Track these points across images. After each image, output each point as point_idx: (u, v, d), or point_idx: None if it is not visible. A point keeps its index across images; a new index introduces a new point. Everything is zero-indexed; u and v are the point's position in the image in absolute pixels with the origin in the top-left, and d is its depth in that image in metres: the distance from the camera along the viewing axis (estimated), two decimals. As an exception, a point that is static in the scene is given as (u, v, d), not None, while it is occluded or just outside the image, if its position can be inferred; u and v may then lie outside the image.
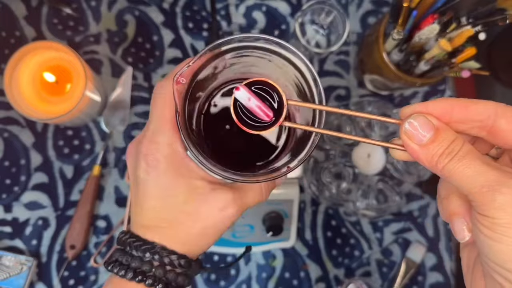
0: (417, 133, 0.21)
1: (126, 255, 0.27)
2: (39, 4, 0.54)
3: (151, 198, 0.26)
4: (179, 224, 0.27)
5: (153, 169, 0.26)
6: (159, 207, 0.27)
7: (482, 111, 0.21)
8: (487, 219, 0.19)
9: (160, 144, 0.26)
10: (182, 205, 0.27)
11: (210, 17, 0.57)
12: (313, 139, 0.34)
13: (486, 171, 0.19)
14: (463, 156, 0.20)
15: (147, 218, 0.27)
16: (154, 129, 0.26)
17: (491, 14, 0.41)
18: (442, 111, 0.21)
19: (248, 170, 0.42)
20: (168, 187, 0.26)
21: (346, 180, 0.53)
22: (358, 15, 0.59)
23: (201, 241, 0.28)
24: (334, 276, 0.57)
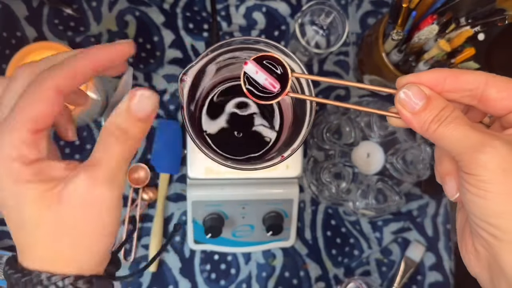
0: (410, 101, 0.23)
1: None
2: (40, 4, 0.54)
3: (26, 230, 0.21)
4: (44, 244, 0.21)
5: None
6: (10, 225, 0.22)
7: (472, 81, 0.22)
8: (472, 177, 0.21)
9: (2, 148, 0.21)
10: (37, 219, 0.21)
11: (210, 18, 0.57)
12: (304, 131, 0.35)
13: (471, 134, 0.21)
14: (451, 121, 0.22)
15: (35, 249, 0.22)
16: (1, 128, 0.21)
17: (490, 15, 0.41)
18: (435, 81, 0.23)
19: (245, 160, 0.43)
20: (6, 200, 0.21)
21: (346, 179, 0.53)
22: (358, 15, 0.60)
23: (99, 240, 0.22)
24: (334, 276, 0.57)
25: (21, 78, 0.22)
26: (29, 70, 0.23)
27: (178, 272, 0.55)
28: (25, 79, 0.22)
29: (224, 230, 0.52)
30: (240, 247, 0.54)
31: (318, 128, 0.55)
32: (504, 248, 0.21)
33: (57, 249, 0.21)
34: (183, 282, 0.55)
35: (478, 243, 0.23)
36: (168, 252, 0.55)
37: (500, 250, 0.21)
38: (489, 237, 0.21)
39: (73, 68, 0.22)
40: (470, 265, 0.24)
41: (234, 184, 0.52)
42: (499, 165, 0.20)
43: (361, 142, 0.54)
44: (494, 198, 0.21)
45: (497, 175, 0.20)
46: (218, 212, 0.52)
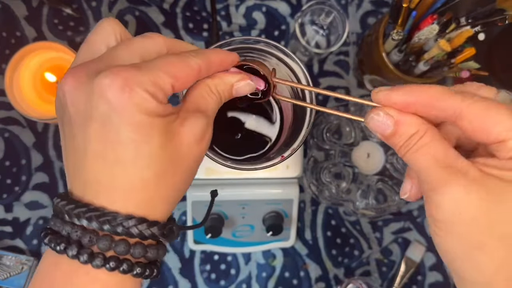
0: (379, 125, 0.22)
1: (69, 226, 0.20)
2: (39, 4, 0.54)
3: (117, 144, 0.19)
4: (157, 179, 0.21)
5: (124, 102, 0.19)
6: (129, 158, 0.20)
7: (445, 110, 0.21)
8: (428, 210, 0.21)
9: (144, 78, 0.20)
10: (159, 152, 0.20)
11: (210, 18, 0.57)
12: (304, 131, 0.35)
13: (431, 169, 0.20)
14: (417, 150, 0.21)
15: (110, 175, 0.20)
16: (143, 65, 0.21)
17: (490, 15, 0.41)
18: (405, 104, 0.22)
19: (245, 161, 0.43)
20: (141, 128, 0.20)
21: (346, 180, 0.53)
22: (358, 15, 0.60)
23: (183, 189, 0.23)
24: (334, 276, 0.57)
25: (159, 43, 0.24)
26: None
27: (178, 272, 0.55)
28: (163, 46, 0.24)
29: (224, 230, 0.52)
30: (240, 247, 0.54)
31: (318, 128, 0.55)
32: (460, 284, 0.21)
33: (156, 189, 0.21)
34: (183, 282, 0.55)
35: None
36: (168, 252, 0.55)
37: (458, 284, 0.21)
38: (452, 274, 0.22)
39: (209, 59, 0.24)
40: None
41: (234, 184, 0.52)
42: (451, 207, 0.20)
43: (361, 142, 0.54)
44: (446, 239, 0.20)
45: (448, 217, 0.20)
46: (218, 212, 0.52)
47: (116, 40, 0.23)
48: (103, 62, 0.21)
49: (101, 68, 0.20)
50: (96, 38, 0.23)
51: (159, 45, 0.24)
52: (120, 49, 0.22)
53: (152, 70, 0.20)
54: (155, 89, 0.20)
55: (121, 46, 0.22)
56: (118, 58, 0.21)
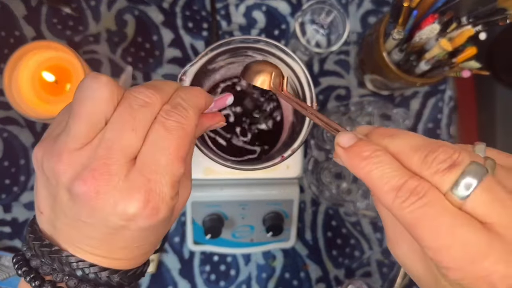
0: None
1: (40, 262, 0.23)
2: (38, 3, 0.54)
3: (132, 244, 0.23)
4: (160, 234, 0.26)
5: (153, 222, 0.22)
6: (142, 247, 0.24)
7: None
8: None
9: (164, 188, 0.22)
10: (163, 232, 0.25)
11: (210, 17, 0.57)
12: (304, 132, 0.35)
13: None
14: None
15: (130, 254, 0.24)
16: (158, 168, 0.22)
17: (491, 14, 0.41)
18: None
19: (247, 161, 0.43)
20: (162, 233, 0.25)
21: (346, 180, 0.53)
22: (358, 14, 0.59)
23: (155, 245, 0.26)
24: (334, 277, 0.57)
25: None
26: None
27: (177, 273, 0.55)
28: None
29: (224, 230, 0.52)
30: (240, 248, 0.54)
31: (318, 128, 0.54)
32: None
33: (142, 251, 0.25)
34: (183, 283, 0.55)
35: None
36: (167, 253, 0.55)
37: None
38: None
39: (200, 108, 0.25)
40: None
41: (234, 184, 0.52)
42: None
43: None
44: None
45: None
46: (217, 213, 0.52)
47: (114, 109, 0.22)
48: (118, 163, 0.21)
49: (118, 175, 0.21)
50: (95, 109, 0.21)
51: (157, 111, 0.23)
52: (127, 135, 0.21)
53: (168, 173, 0.21)
54: (175, 188, 0.22)
55: (127, 132, 0.21)
56: (129, 148, 0.21)
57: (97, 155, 0.21)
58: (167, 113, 0.22)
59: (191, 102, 0.24)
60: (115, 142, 0.21)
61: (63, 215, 0.22)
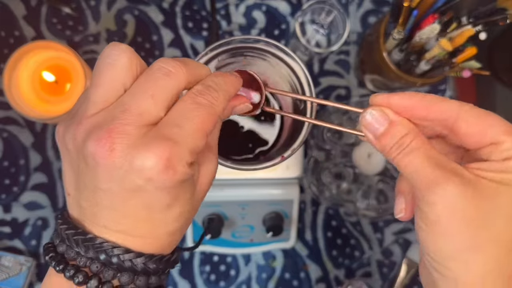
0: (373, 124, 0.23)
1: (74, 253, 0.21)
2: (38, 3, 0.54)
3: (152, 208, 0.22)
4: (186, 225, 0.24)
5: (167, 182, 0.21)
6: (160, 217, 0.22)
7: (443, 111, 0.22)
8: (421, 211, 0.21)
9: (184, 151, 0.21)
10: (188, 206, 0.23)
11: (210, 17, 0.57)
12: (305, 131, 0.35)
13: (426, 170, 0.21)
14: (409, 152, 0.21)
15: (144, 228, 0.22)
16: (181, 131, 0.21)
17: (491, 14, 0.41)
18: (403, 108, 0.22)
19: (246, 161, 0.42)
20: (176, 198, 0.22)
21: (347, 180, 0.53)
22: (359, 14, 0.59)
23: (188, 223, 0.25)
24: (335, 277, 0.57)
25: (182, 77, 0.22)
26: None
27: (177, 273, 0.55)
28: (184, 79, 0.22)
29: (224, 231, 0.52)
30: (240, 248, 0.54)
31: (318, 128, 0.54)
32: (445, 284, 0.21)
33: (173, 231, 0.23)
34: (182, 284, 0.54)
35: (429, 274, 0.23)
36: (168, 253, 0.55)
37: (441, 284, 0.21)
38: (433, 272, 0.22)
39: (230, 95, 0.24)
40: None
41: (234, 184, 0.52)
42: (446, 207, 0.20)
43: (362, 142, 0.54)
44: (438, 238, 0.20)
45: (442, 217, 0.20)
46: (217, 213, 0.52)
47: (133, 78, 0.22)
48: (134, 125, 0.20)
49: (135, 134, 0.20)
50: (113, 76, 0.21)
51: (181, 84, 0.22)
52: (145, 101, 0.21)
53: (188, 139, 0.21)
54: (194, 157, 0.21)
55: (145, 97, 0.21)
56: (147, 115, 0.21)
57: (113, 116, 0.20)
58: (198, 91, 0.22)
59: (223, 87, 0.24)
60: (132, 105, 0.20)
61: (85, 188, 0.21)
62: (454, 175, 0.20)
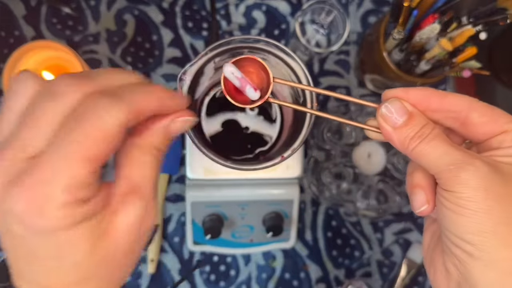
0: (392, 116, 0.23)
1: None
2: (38, 3, 0.54)
3: (41, 259, 0.19)
4: (92, 281, 0.20)
5: (40, 230, 0.18)
6: (55, 268, 0.19)
7: (457, 103, 0.23)
8: (451, 193, 0.21)
9: (55, 192, 0.18)
10: (89, 258, 0.20)
11: (209, 17, 0.57)
12: (305, 131, 0.35)
13: (452, 152, 0.22)
14: (432, 139, 0.22)
15: (45, 278, 0.19)
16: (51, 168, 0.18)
17: (491, 14, 0.41)
18: (420, 99, 0.23)
19: (245, 161, 0.42)
20: (63, 247, 0.19)
21: (347, 180, 0.53)
22: (359, 14, 0.59)
23: (123, 279, 0.22)
24: (335, 277, 0.57)
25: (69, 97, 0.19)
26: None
27: (177, 273, 0.55)
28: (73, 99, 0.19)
29: (224, 231, 0.51)
30: (239, 248, 0.54)
31: (318, 128, 0.54)
32: (478, 266, 0.21)
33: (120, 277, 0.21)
34: (182, 283, 0.54)
35: (449, 262, 0.23)
36: (167, 253, 0.55)
37: (473, 269, 0.21)
38: (463, 255, 0.21)
39: (141, 106, 0.20)
40: (438, 285, 0.24)
41: (234, 184, 0.52)
42: (480, 183, 0.21)
43: (362, 142, 0.54)
44: (473, 215, 0.21)
45: (477, 193, 0.20)
46: (217, 213, 0.52)
47: (26, 101, 0.20)
48: (12, 160, 0.18)
49: (11, 172, 0.18)
50: (18, 101, 0.19)
51: (73, 103, 0.19)
52: (26, 130, 0.19)
53: (61, 173, 0.17)
54: (74, 195, 0.18)
55: (26, 126, 0.19)
56: (30, 147, 0.18)
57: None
58: (88, 101, 0.19)
59: (128, 96, 0.19)
60: (15, 138, 0.18)
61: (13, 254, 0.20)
62: (478, 156, 0.21)
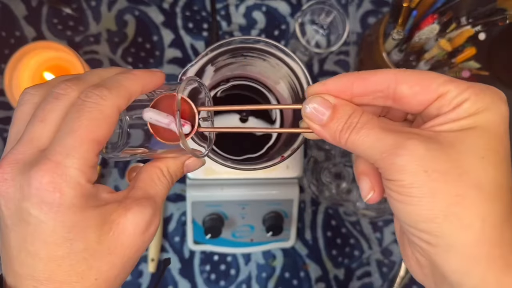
0: (316, 114, 0.22)
1: None
2: (39, 4, 0.54)
3: (51, 244, 0.19)
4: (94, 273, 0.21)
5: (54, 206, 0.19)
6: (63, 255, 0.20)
7: (381, 81, 0.21)
8: (392, 182, 0.20)
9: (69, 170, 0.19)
10: (95, 245, 0.20)
11: (210, 17, 0.57)
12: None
13: (384, 137, 0.20)
14: (361, 127, 0.21)
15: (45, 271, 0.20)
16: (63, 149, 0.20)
17: (491, 14, 0.41)
18: (342, 88, 0.22)
19: (245, 161, 0.43)
20: (76, 227, 0.20)
21: (346, 180, 0.53)
22: (358, 15, 0.59)
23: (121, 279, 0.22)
24: (334, 276, 0.57)
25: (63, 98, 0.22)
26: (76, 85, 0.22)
27: (177, 272, 0.55)
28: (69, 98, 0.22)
29: (224, 230, 0.52)
30: (240, 248, 0.54)
31: (318, 128, 0.54)
32: (441, 254, 0.19)
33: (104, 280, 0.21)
34: (183, 283, 0.55)
35: (416, 252, 0.21)
36: (168, 253, 0.55)
37: (437, 256, 0.19)
38: (423, 244, 0.20)
39: (128, 90, 0.22)
40: (414, 273, 0.22)
41: (234, 184, 0.52)
42: (417, 166, 0.19)
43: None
44: (419, 202, 0.19)
45: (417, 177, 0.19)
46: (218, 213, 0.52)
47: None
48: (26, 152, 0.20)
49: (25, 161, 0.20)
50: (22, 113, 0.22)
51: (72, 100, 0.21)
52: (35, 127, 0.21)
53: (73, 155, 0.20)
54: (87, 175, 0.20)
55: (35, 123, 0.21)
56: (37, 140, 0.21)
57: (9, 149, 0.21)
58: (84, 95, 0.21)
59: (116, 83, 0.22)
60: (24, 133, 0.21)
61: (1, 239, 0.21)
62: (413, 135, 0.19)
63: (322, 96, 0.22)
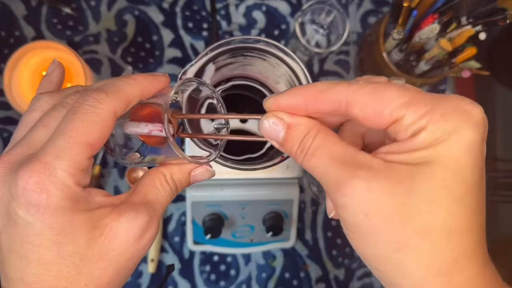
0: (271, 131, 0.21)
1: None
2: (38, 3, 0.54)
3: (38, 246, 0.19)
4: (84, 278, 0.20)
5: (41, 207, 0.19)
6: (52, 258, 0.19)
7: (331, 101, 0.19)
8: (339, 215, 0.19)
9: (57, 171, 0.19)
10: (85, 250, 0.20)
11: (210, 17, 0.57)
12: None
13: (330, 171, 0.19)
14: (312, 155, 0.20)
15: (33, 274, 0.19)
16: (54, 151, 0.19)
17: (491, 14, 0.41)
18: (294, 105, 0.20)
19: (245, 161, 0.43)
20: (63, 229, 0.19)
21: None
22: (358, 14, 0.59)
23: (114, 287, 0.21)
24: (334, 276, 0.57)
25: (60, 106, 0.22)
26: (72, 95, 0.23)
27: (177, 273, 0.55)
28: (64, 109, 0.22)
29: (224, 230, 0.52)
30: (240, 248, 0.54)
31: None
32: (388, 285, 0.19)
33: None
34: (183, 283, 0.55)
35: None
36: (167, 253, 0.55)
37: (386, 285, 0.19)
38: (376, 274, 0.19)
39: (126, 94, 0.22)
40: None
41: (234, 184, 0.52)
42: (357, 209, 0.18)
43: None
44: (363, 241, 0.18)
45: (357, 220, 0.18)
46: (217, 213, 0.52)
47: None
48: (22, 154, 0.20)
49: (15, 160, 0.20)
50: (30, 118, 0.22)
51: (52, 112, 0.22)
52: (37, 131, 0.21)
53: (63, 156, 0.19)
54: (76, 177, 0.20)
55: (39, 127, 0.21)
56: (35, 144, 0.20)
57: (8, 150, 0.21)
58: (81, 98, 0.21)
59: (114, 87, 0.21)
60: (25, 137, 0.21)
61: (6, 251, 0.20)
62: (360, 169, 0.18)
63: (276, 113, 0.21)
